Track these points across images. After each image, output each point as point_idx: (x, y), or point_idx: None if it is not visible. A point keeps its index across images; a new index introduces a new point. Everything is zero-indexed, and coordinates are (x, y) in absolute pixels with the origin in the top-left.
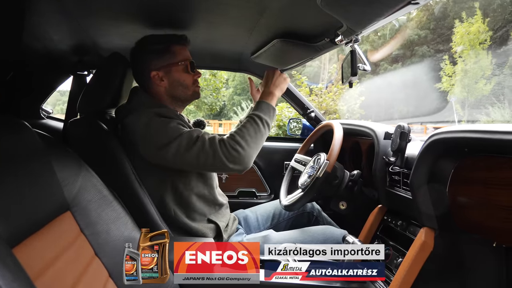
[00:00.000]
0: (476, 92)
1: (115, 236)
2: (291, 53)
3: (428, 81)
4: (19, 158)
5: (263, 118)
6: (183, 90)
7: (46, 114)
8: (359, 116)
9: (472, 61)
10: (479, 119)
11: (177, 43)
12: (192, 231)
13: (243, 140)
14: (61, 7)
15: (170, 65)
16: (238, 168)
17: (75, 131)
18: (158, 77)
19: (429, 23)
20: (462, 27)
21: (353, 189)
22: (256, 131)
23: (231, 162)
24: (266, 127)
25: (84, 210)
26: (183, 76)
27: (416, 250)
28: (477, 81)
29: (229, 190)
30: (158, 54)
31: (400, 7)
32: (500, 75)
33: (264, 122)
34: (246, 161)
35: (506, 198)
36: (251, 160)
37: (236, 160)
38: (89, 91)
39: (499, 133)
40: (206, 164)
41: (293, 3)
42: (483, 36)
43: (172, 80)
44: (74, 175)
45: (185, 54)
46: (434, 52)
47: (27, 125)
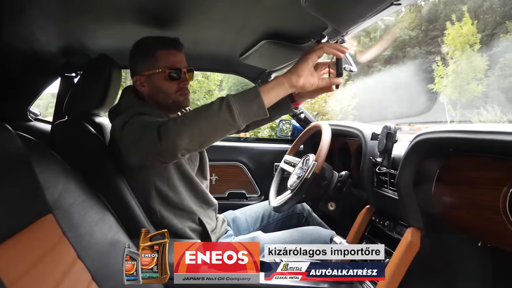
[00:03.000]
0: (467, 93)
1: (99, 238)
2: (279, 54)
3: (420, 82)
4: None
5: (225, 99)
6: (164, 97)
7: (33, 116)
8: (353, 117)
9: (463, 62)
10: (471, 119)
11: (163, 47)
12: (179, 232)
13: (181, 117)
14: (47, 9)
15: (151, 71)
16: (164, 144)
17: (60, 133)
18: (140, 82)
19: (420, 25)
20: (453, 29)
21: (342, 190)
22: (204, 110)
23: (161, 136)
24: (224, 107)
25: (66, 212)
26: (164, 83)
27: (402, 251)
28: (469, 82)
29: (219, 191)
30: (142, 58)
31: (383, 8)
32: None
33: (224, 104)
34: (170, 136)
35: (491, 198)
36: (179, 136)
37: (163, 134)
38: (76, 93)
39: (483, 133)
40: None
41: (277, 4)
42: (473, 38)
43: (152, 86)
44: (56, 178)
45: (171, 59)
46: (426, 54)
47: (8, 127)
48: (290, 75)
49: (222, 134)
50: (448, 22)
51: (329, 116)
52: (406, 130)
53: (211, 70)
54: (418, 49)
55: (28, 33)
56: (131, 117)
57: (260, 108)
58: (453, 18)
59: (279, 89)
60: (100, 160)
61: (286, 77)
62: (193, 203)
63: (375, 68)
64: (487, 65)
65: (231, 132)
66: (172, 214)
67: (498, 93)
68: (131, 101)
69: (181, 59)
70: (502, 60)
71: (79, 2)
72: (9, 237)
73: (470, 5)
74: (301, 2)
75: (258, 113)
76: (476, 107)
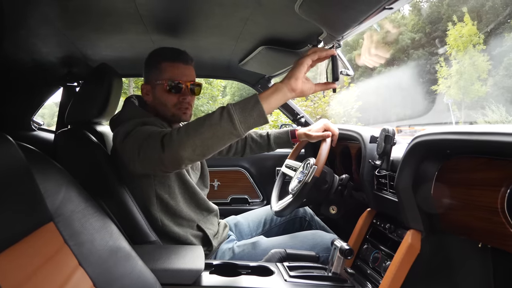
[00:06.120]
0: (472, 94)
1: (100, 245)
2: (277, 59)
3: (424, 84)
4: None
5: (226, 108)
6: (164, 109)
7: (37, 126)
8: (356, 119)
9: (467, 63)
10: (476, 120)
11: (168, 60)
12: (181, 239)
13: (183, 127)
14: (47, 21)
15: (154, 81)
16: (167, 154)
17: (62, 142)
18: (146, 91)
19: (424, 27)
20: (454, 29)
21: (343, 193)
22: (205, 120)
23: (164, 146)
24: (225, 116)
25: (67, 220)
26: (164, 95)
27: (403, 253)
28: (473, 83)
29: (222, 197)
30: (148, 68)
31: (375, 13)
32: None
33: (224, 113)
34: (173, 146)
35: (489, 198)
36: (182, 147)
37: (166, 144)
38: (77, 102)
39: (479, 134)
40: (142, 147)
41: (273, 10)
42: (476, 39)
43: (154, 97)
44: (57, 186)
45: (174, 72)
46: (429, 55)
47: (8, 138)
48: (288, 80)
49: (224, 143)
50: (450, 23)
51: (333, 119)
52: (407, 131)
53: (212, 77)
54: (422, 50)
55: (30, 44)
56: (134, 127)
57: (260, 116)
58: (454, 19)
59: (279, 94)
60: (102, 168)
61: (284, 82)
62: (192, 211)
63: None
64: (490, 65)
65: (233, 140)
66: (173, 222)
67: (503, 93)
68: (134, 111)
69: (185, 72)
70: (507, 60)
71: (78, 13)
72: (10, 245)
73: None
74: (295, 7)
75: (259, 120)
76: (481, 107)
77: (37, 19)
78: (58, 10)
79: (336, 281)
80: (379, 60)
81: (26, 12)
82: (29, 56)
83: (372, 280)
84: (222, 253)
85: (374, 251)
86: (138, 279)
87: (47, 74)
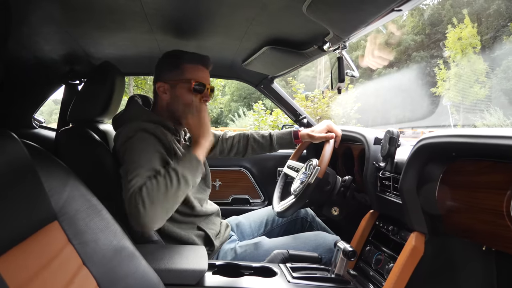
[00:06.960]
0: (470, 96)
1: (104, 245)
2: (281, 60)
3: (423, 86)
4: (2, 168)
5: (179, 172)
6: (182, 108)
7: (38, 124)
8: (355, 121)
9: (465, 65)
10: (475, 122)
11: (189, 62)
12: (182, 239)
13: (148, 198)
14: (50, 18)
15: (176, 81)
16: (137, 227)
17: (64, 140)
18: (163, 89)
19: (424, 29)
20: (454, 32)
21: (345, 195)
22: (169, 189)
23: (133, 219)
24: (182, 181)
25: (72, 219)
26: (185, 94)
27: (406, 255)
28: (471, 85)
29: (223, 197)
30: (168, 67)
31: (384, 14)
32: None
33: (181, 179)
34: (145, 221)
35: (494, 201)
36: (154, 220)
37: (135, 219)
38: (79, 100)
39: (485, 137)
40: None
41: (280, 10)
42: (475, 41)
43: (174, 96)
44: (62, 185)
45: (196, 74)
46: (429, 58)
47: (13, 135)
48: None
49: (184, 195)
50: (450, 26)
51: (333, 120)
52: (409, 134)
53: (214, 77)
54: (422, 52)
55: (32, 41)
56: (135, 133)
57: (200, 167)
58: (454, 21)
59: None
60: (104, 167)
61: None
62: (192, 215)
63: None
64: (489, 68)
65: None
66: (173, 223)
67: (500, 95)
68: (138, 110)
69: (206, 76)
70: (505, 63)
71: (81, 11)
72: (15, 244)
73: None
74: (302, 8)
75: (200, 171)
76: (479, 110)
77: (39, 17)
78: (61, 8)
79: (339, 282)
80: (383, 62)
81: (29, 9)
82: (31, 54)
83: (375, 282)
84: (224, 254)
85: (377, 253)
86: (142, 279)
87: (49, 71)
